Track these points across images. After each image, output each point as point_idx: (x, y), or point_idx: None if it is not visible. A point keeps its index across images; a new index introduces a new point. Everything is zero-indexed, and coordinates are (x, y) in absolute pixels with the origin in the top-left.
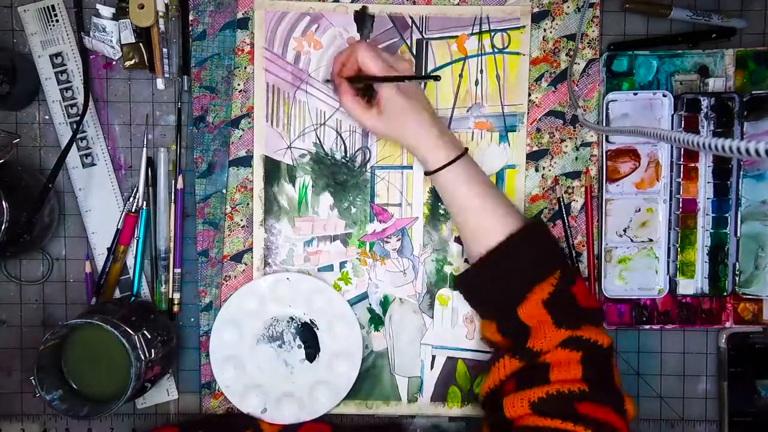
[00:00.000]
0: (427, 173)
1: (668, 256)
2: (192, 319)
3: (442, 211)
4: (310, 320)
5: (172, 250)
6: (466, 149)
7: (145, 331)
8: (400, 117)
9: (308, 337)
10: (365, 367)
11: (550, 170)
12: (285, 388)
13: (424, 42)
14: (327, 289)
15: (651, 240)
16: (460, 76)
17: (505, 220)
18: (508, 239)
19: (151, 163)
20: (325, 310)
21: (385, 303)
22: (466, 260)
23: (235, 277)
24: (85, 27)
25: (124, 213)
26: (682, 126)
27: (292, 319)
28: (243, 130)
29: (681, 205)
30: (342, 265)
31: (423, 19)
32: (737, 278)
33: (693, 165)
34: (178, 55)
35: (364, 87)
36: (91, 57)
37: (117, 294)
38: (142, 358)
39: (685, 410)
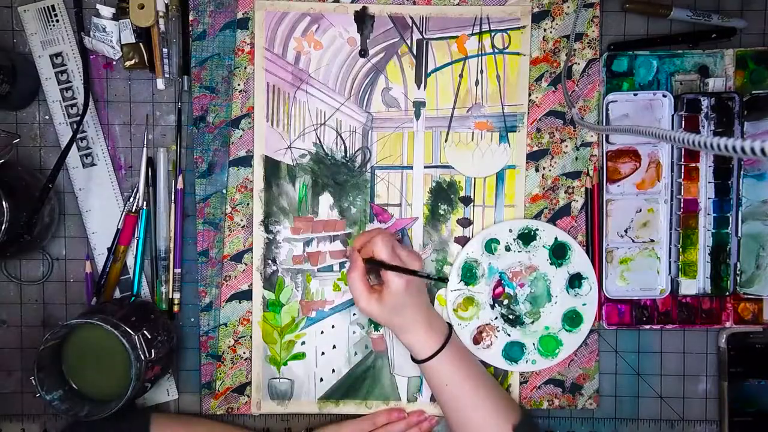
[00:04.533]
0: (416, 361)
1: (670, 257)
2: (192, 319)
3: (442, 212)
4: None
5: (172, 250)
6: (450, 329)
7: (145, 331)
8: (399, 310)
9: None
10: (365, 367)
11: (550, 170)
12: None
13: (425, 42)
14: None
15: (652, 240)
16: (461, 76)
17: (496, 417)
18: None
19: (151, 163)
20: None
21: None
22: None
23: (235, 277)
24: (85, 27)
25: (124, 213)
26: (683, 126)
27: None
28: (243, 130)
29: (682, 206)
30: (342, 265)
31: (423, 20)
32: (738, 278)
33: (694, 165)
34: (178, 55)
35: (373, 272)
36: (91, 57)
37: (117, 294)
38: (142, 358)
39: (685, 410)
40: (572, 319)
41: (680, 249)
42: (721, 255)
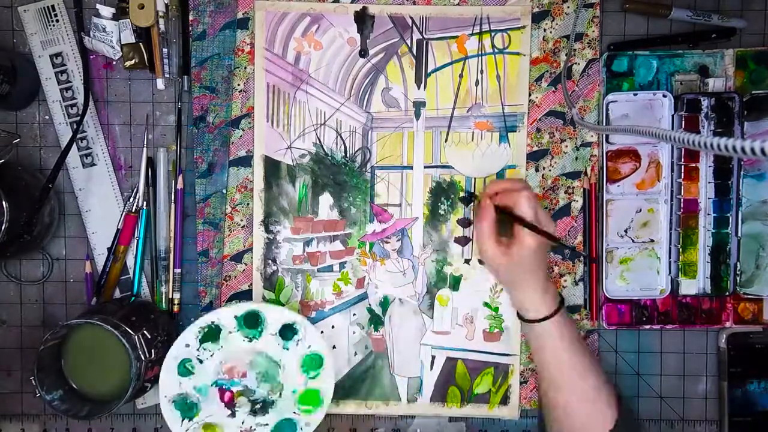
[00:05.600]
0: (523, 320)
1: (670, 257)
2: (192, 319)
3: (442, 212)
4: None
5: (172, 250)
6: (562, 301)
7: (145, 331)
8: (524, 269)
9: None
10: (365, 367)
11: (550, 170)
12: None
13: (425, 42)
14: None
15: (652, 240)
16: (461, 76)
17: (597, 402)
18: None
19: (151, 163)
20: None
21: (384, 303)
22: (466, 261)
23: (235, 277)
24: (85, 27)
25: (124, 213)
26: (683, 126)
27: None
28: (243, 130)
29: (682, 206)
30: (342, 265)
31: (423, 20)
32: (738, 278)
33: (694, 165)
34: (178, 55)
35: (503, 223)
36: (91, 57)
37: (117, 294)
38: (142, 358)
39: (685, 410)
40: (313, 360)
41: (680, 249)
42: (721, 255)
